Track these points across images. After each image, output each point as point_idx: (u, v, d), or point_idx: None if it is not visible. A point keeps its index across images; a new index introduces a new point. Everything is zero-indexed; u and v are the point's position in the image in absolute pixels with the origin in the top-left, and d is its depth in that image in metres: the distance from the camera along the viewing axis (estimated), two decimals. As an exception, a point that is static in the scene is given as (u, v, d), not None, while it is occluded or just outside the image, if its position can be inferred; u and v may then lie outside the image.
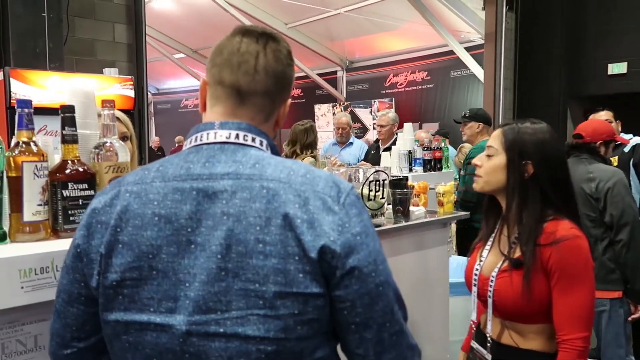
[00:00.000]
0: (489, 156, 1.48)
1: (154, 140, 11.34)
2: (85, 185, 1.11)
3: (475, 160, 1.52)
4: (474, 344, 1.52)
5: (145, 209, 0.80)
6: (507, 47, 6.45)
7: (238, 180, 0.79)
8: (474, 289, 1.50)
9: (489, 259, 1.50)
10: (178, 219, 0.79)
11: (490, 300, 1.43)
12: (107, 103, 1.17)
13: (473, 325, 1.55)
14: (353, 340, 0.80)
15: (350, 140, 4.84)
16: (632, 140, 3.42)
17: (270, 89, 0.88)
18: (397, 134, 4.28)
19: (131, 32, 4.62)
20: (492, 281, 1.42)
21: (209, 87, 0.90)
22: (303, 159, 3.69)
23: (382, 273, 0.80)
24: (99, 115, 1.22)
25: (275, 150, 0.91)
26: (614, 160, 3.41)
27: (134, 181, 0.84)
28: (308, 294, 0.75)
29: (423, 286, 2.12)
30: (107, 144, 1.16)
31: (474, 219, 3.21)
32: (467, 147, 4.02)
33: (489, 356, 1.45)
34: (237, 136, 0.85)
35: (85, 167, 1.12)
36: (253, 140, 0.86)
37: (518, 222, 1.41)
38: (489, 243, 1.53)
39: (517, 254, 1.40)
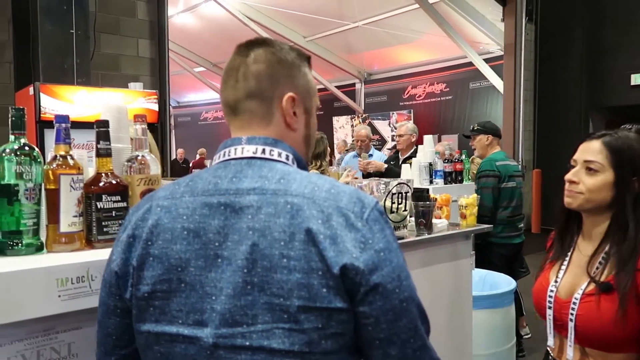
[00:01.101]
0: (590, 171, 1.33)
1: (179, 152, 11.51)
2: (118, 198, 1.14)
3: (570, 176, 1.36)
4: None
5: (175, 223, 0.82)
6: (526, 59, 6.43)
7: (264, 195, 0.81)
8: (549, 312, 1.39)
9: (566, 279, 1.38)
10: (206, 233, 0.81)
11: (571, 325, 1.32)
12: (139, 118, 1.21)
13: (550, 352, 1.44)
14: (377, 355, 0.81)
15: (370, 152, 4.86)
16: None
17: (251, 90, 0.89)
18: (416, 147, 4.28)
19: (154, 47, 4.74)
20: (574, 306, 1.31)
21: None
22: (313, 169, 3.70)
23: (406, 289, 0.80)
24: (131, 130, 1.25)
25: (302, 164, 0.92)
26: None
27: (165, 196, 0.87)
28: (332, 309, 0.76)
29: (446, 299, 2.10)
30: (139, 157, 1.20)
31: (492, 233, 3.20)
32: (478, 160, 3.99)
33: None
34: (263, 151, 0.87)
35: (119, 180, 1.15)
36: (279, 155, 0.88)
37: (620, 243, 1.29)
38: (565, 263, 1.41)
39: (605, 276, 1.29)
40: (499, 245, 3.33)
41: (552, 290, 1.38)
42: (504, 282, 2.77)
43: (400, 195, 1.86)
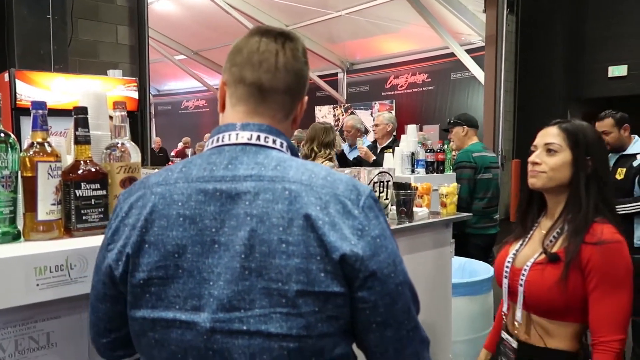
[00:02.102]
0: (550, 152, 1.46)
1: (155, 140, 11.25)
2: (98, 185, 1.12)
3: (533, 158, 1.50)
4: (504, 334, 1.54)
5: (170, 209, 0.82)
6: (507, 50, 6.48)
7: (261, 182, 0.81)
8: (505, 281, 1.51)
9: (523, 252, 1.51)
10: (202, 220, 0.81)
11: (521, 290, 1.44)
12: (119, 105, 1.19)
13: (504, 317, 1.56)
14: (373, 338, 0.83)
15: (357, 144, 4.88)
16: None
17: (290, 86, 0.90)
18: (395, 136, 4.31)
19: (134, 33, 4.65)
20: (524, 272, 1.44)
21: (228, 87, 0.92)
22: (321, 158, 3.72)
23: (400, 273, 0.82)
24: (111, 117, 1.24)
25: (295, 152, 0.93)
26: (621, 172, 3.21)
27: (158, 182, 0.87)
28: (329, 293, 0.77)
29: (426, 286, 2.13)
30: (119, 145, 1.18)
31: (468, 224, 3.25)
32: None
33: (515, 344, 1.48)
34: (258, 137, 0.87)
35: (98, 168, 1.14)
36: (274, 142, 0.88)
37: (573, 217, 1.41)
38: (525, 239, 1.54)
39: (556, 249, 1.41)
40: (475, 236, 3.38)
41: (509, 261, 1.51)
42: (482, 270, 2.82)
43: (381, 183, 1.87)
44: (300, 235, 0.77)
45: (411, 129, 3.47)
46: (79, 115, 1.11)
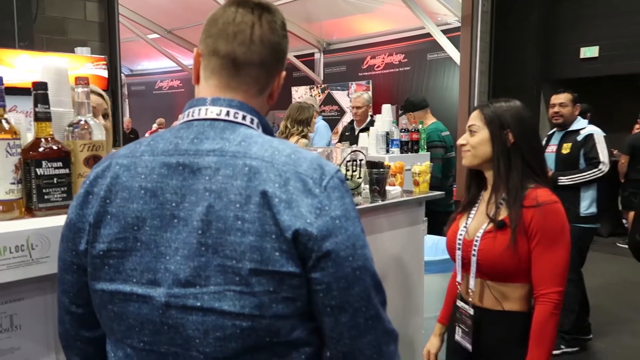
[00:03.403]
0: (471, 133, 1.61)
1: (125, 121, 10.96)
2: (60, 164, 1.09)
3: (460, 141, 1.65)
4: (459, 303, 1.63)
5: (133, 182, 0.81)
6: (483, 31, 6.49)
7: (223, 157, 0.80)
8: (458, 253, 1.62)
9: (473, 224, 1.62)
10: (164, 193, 0.80)
11: (474, 259, 1.54)
12: (81, 80, 1.15)
13: (458, 287, 1.67)
14: (328, 322, 0.81)
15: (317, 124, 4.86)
16: (586, 129, 3.44)
17: (266, 59, 0.88)
18: (371, 116, 4.31)
19: (103, 10, 4.50)
20: (476, 242, 1.54)
21: (203, 58, 0.90)
22: (295, 135, 3.73)
23: (360, 258, 0.80)
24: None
25: (268, 129, 0.91)
26: (567, 147, 3.46)
27: (125, 154, 0.85)
28: (284, 273, 0.76)
29: (399, 264, 2.16)
30: (82, 122, 1.15)
31: (438, 202, 3.31)
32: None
33: (471, 310, 1.57)
34: (227, 113, 0.85)
35: (60, 146, 1.10)
36: (244, 118, 0.86)
37: (505, 186, 1.53)
38: (472, 212, 1.65)
39: (502, 216, 1.52)
40: (445, 214, 3.44)
41: (461, 234, 1.63)
42: (455, 248, 2.85)
43: (354, 162, 1.87)
44: (256, 213, 0.76)
45: (386, 108, 3.47)
46: (39, 91, 1.07)
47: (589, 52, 6.76)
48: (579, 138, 3.42)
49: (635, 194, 5.50)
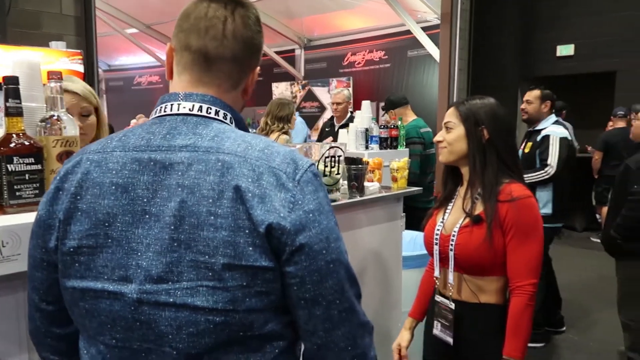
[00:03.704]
0: (448, 130, 1.64)
1: (101, 117, 10.80)
2: (32, 160, 1.08)
3: (436, 138, 1.68)
4: (438, 297, 1.66)
5: (104, 177, 0.80)
6: (462, 28, 6.55)
7: (195, 152, 0.79)
8: (436, 247, 1.65)
9: (450, 219, 1.65)
10: (135, 189, 0.79)
11: (451, 254, 1.58)
12: (54, 75, 1.13)
13: (436, 282, 1.69)
14: (303, 315, 0.82)
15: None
16: (546, 129, 3.43)
17: (238, 54, 0.88)
18: (351, 112, 4.33)
19: (79, 4, 4.42)
20: (453, 237, 1.58)
21: (176, 53, 0.89)
22: (276, 132, 3.72)
23: (333, 251, 0.80)
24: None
25: (242, 125, 0.91)
26: (529, 146, 3.48)
27: (96, 150, 0.84)
28: (257, 267, 0.76)
29: (377, 259, 2.17)
30: (54, 117, 1.13)
31: (416, 198, 3.34)
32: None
33: (452, 305, 1.60)
34: (200, 109, 0.85)
35: (32, 141, 1.09)
36: (217, 113, 0.86)
37: (481, 182, 1.57)
38: (449, 208, 1.68)
39: (477, 211, 1.56)
40: (425, 210, 3.47)
41: (438, 229, 1.66)
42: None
43: (333, 158, 1.88)
44: (229, 208, 0.76)
45: (365, 105, 3.48)
46: (9, 86, 1.05)
47: (565, 50, 6.88)
48: (538, 138, 3.43)
49: (609, 189, 5.63)
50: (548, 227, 3.39)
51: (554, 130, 3.40)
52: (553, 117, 3.55)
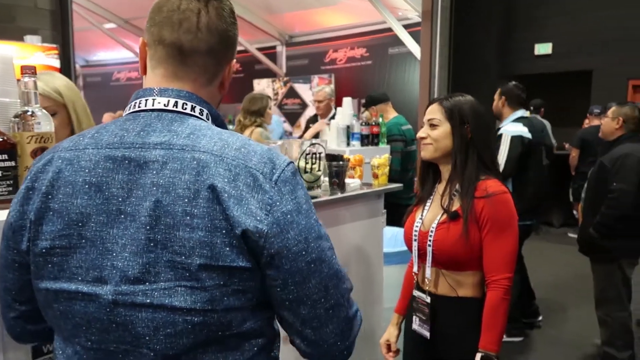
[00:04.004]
0: (432, 127, 1.65)
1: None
2: (6, 156, 1.05)
3: (420, 134, 1.69)
4: (416, 292, 1.69)
5: (77, 176, 0.78)
6: (442, 26, 6.59)
7: (170, 150, 0.77)
8: (415, 244, 1.67)
9: (428, 216, 1.67)
10: (109, 188, 0.77)
11: (430, 249, 1.60)
12: (28, 70, 1.11)
13: (415, 277, 1.71)
14: (289, 316, 0.81)
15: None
16: (503, 128, 3.38)
17: (214, 47, 0.86)
18: (335, 109, 4.33)
19: (55, -3, 4.33)
20: (431, 233, 1.60)
21: (149, 47, 0.87)
22: (250, 127, 3.70)
23: (313, 251, 0.79)
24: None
25: (219, 120, 0.89)
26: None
27: (67, 147, 0.82)
28: (234, 267, 0.75)
29: (359, 255, 2.18)
30: (29, 113, 1.11)
31: (398, 195, 3.36)
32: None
33: (428, 299, 1.63)
34: (175, 104, 0.83)
35: (5, 137, 1.06)
36: (193, 109, 0.84)
37: (460, 179, 1.59)
38: (427, 204, 1.70)
39: (455, 207, 1.58)
40: (406, 207, 3.49)
41: (417, 226, 1.68)
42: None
43: (314, 155, 1.87)
44: (205, 208, 0.74)
45: (347, 102, 3.49)
46: (-19, 80, 1.02)
47: (543, 49, 6.98)
48: (497, 136, 3.39)
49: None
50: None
51: (507, 128, 3.34)
52: (517, 114, 3.44)
